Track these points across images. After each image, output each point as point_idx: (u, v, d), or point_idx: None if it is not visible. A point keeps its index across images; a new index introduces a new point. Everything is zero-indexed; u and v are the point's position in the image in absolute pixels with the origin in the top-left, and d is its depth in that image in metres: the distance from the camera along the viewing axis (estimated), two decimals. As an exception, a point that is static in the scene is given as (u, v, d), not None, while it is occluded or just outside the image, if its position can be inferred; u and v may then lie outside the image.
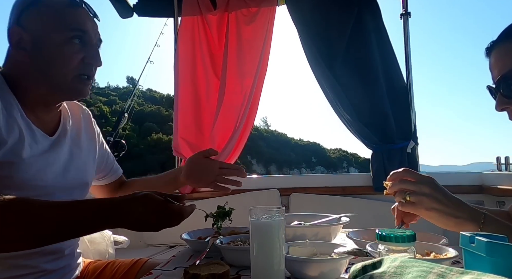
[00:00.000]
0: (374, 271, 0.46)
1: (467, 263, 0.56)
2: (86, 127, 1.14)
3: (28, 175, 0.87)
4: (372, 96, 2.23)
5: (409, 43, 2.35)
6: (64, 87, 0.94)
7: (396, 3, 2.38)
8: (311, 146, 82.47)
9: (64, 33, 0.92)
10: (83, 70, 0.95)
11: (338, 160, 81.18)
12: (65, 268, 1.02)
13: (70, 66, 0.93)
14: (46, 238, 0.75)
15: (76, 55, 0.93)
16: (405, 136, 2.21)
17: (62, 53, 0.92)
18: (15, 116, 0.88)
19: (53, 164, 0.95)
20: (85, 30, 0.95)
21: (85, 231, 0.79)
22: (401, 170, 0.84)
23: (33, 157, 0.89)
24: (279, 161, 74.10)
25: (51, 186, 0.93)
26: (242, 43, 2.38)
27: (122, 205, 0.77)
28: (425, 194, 0.79)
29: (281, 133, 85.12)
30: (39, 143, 0.93)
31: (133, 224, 0.77)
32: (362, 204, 2.18)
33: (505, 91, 0.86)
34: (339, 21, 2.29)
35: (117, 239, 1.69)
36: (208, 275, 0.69)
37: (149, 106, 63.04)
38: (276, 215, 0.72)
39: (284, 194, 2.28)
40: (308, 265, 0.76)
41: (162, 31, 2.63)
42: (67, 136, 1.03)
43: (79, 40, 0.94)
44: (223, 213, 1.07)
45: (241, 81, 2.37)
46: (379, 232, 0.66)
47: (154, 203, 0.77)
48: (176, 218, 0.80)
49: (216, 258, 0.94)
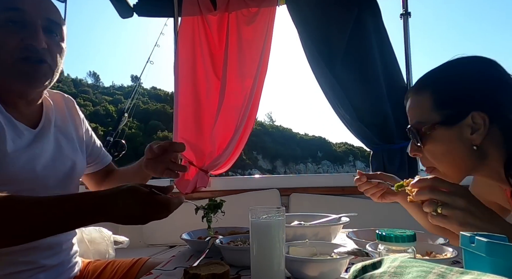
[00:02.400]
0: (374, 271, 0.46)
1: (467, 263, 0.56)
2: (71, 115, 1.12)
3: (15, 168, 0.87)
4: (372, 96, 2.23)
5: (409, 43, 2.35)
6: (8, 73, 0.89)
7: (396, 3, 2.39)
8: (316, 141, 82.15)
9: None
10: (23, 53, 0.87)
11: (344, 154, 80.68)
12: (63, 264, 1.02)
13: (6, 50, 0.86)
14: (32, 234, 0.75)
15: (11, 37, 0.86)
16: (405, 136, 2.20)
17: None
18: None
19: (40, 155, 0.95)
20: (22, 9, 0.88)
21: (72, 226, 0.79)
22: (430, 178, 0.77)
23: (17, 151, 0.89)
24: (284, 156, 73.94)
25: (42, 177, 0.93)
26: (242, 44, 2.38)
27: (107, 199, 0.76)
28: (460, 208, 0.72)
29: (286, 128, 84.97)
30: (23, 137, 0.92)
31: (120, 217, 0.76)
32: (362, 204, 2.18)
33: (414, 139, 0.89)
34: (339, 21, 2.29)
35: (117, 239, 1.69)
36: (208, 275, 0.69)
37: (154, 104, 63.19)
38: (276, 215, 0.72)
39: (284, 194, 2.28)
40: (308, 265, 0.76)
41: (162, 31, 2.64)
42: (51, 126, 1.02)
43: (15, 21, 0.87)
44: (214, 205, 1.06)
45: (241, 82, 2.37)
46: (379, 232, 0.66)
47: (139, 195, 0.76)
48: (163, 210, 0.78)
49: (216, 258, 0.94)
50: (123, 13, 2.49)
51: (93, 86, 77.44)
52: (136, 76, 69.15)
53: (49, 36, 0.92)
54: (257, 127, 75.61)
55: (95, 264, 1.18)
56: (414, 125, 0.89)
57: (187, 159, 2.31)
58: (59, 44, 0.96)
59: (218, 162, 2.33)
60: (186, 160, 2.32)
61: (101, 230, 1.61)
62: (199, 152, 2.37)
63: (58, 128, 1.05)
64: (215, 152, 2.34)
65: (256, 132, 15.00)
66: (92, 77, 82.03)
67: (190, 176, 2.35)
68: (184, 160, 2.33)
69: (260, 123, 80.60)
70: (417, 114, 0.90)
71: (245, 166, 61.37)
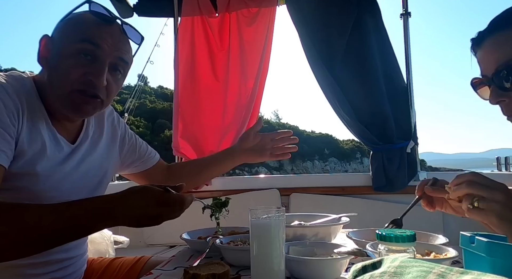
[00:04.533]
0: (374, 271, 0.46)
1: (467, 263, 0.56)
2: (109, 125, 1.13)
3: (46, 186, 0.88)
4: (371, 96, 2.23)
5: (409, 43, 2.34)
6: (62, 99, 0.90)
7: (396, 3, 2.38)
8: (323, 138, 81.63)
9: (74, 45, 0.89)
10: (81, 85, 0.89)
11: (351, 151, 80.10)
12: (71, 275, 1.03)
13: (68, 79, 0.88)
14: (44, 243, 0.74)
15: (77, 68, 0.88)
16: (405, 136, 2.21)
17: (66, 64, 0.88)
18: (40, 127, 0.88)
19: (70, 174, 0.95)
20: (98, 44, 0.89)
21: (84, 232, 0.78)
22: (468, 173, 0.74)
23: (52, 168, 0.89)
24: (292, 154, 73.53)
25: (67, 195, 0.91)
26: (244, 45, 2.38)
27: (118, 201, 0.75)
28: (498, 202, 0.68)
29: (293, 126, 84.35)
30: (61, 152, 0.93)
31: (133, 219, 0.75)
32: (362, 204, 2.18)
33: (503, 81, 0.79)
34: (339, 21, 2.28)
35: (117, 239, 1.70)
36: (208, 275, 0.69)
37: (161, 103, 63.07)
38: (276, 215, 0.72)
39: (284, 194, 2.28)
40: (308, 265, 0.76)
41: (162, 31, 2.64)
42: (87, 141, 1.02)
43: (87, 54, 0.89)
44: (221, 204, 1.07)
45: (243, 82, 2.37)
46: (379, 232, 0.66)
47: (153, 194, 0.76)
48: (177, 208, 0.78)
49: (216, 258, 0.95)
50: (123, 13, 2.48)
51: (100, 85, 77.46)
52: (143, 76, 69.35)
53: (113, 74, 0.94)
54: (263, 125, 76.00)
55: (98, 262, 1.19)
56: (504, 65, 0.79)
57: (188, 158, 2.31)
58: (119, 81, 0.97)
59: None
60: (187, 160, 2.32)
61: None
62: (200, 152, 2.37)
63: (93, 142, 1.05)
64: (216, 151, 2.34)
65: (262, 130, 15.27)
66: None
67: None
68: (184, 159, 2.33)
69: (266, 121, 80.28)
70: (508, 52, 0.79)
71: (252, 164, 61.39)
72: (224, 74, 2.39)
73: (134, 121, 53.36)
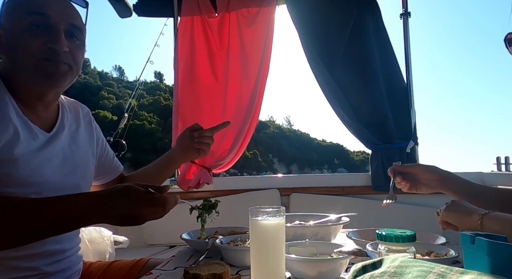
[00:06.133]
0: (374, 271, 0.46)
1: (467, 263, 0.56)
2: (85, 124, 1.14)
3: (26, 171, 0.88)
4: (371, 96, 2.23)
5: (409, 43, 2.34)
6: (31, 74, 0.92)
7: (396, 3, 2.38)
8: (334, 147, 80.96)
9: (23, 20, 0.91)
10: (44, 54, 0.91)
11: (362, 163, 79.37)
12: (65, 270, 1.02)
13: (30, 51, 0.90)
14: (31, 235, 0.75)
15: (35, 40, 0.90)
16: (404, 136, 2.21)
17: (23, 40, 0.90)
18: (10, 115, 0.88)
19: (50, 160, 0.95)
20: (46, 13, 0.91)
21: (68, 227, 0.79)
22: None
23: (30, 153, 0.90)
24: (300, 161, 72.60)
25: (51, 182, 0.93)
26: (244, 46, 2.37)
27: (103, 199, 0.76)
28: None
29: (304, 133, 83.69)
30: (37, 139, 0.93)
31: (116, 218, 0.75)
32: (362, 204, 2.18)
33: None
34: (339, 21, 2.28)
35: (117, 239, 1.69)
36: (208, 275, 0.69)
37: None
38: (276, 215, 0.72)
39: (284, 194, 2.28)
40: (308, 265, 0.76)
41: (162, 31, 2.64)
42: (64, 131, 1.03)
43: (39, 24, 0.91)
44: (209, 206, 1.07)
45: (244, 83, 2.36)
46: (379, 232, 0.66)
47: (135, 194, 0.76)
48: (160, 209, 0.78)
49: (216, 258, 0.95)
50: (122, 13, 2.48)
51: (117, 79, 76.24)
52: (159, 73, 68.93)
53: (70, 40, 0.96)
54: (274, 130, 73.61)
55: (97, 265, 1.18)
56: None
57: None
58: (79, 47, 0.99)
59: (221, 162, 2.33)
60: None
61: (101, 230, 1.61)
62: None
63: (70, 134, 1.05)
64: (217, 152, 2.34)
65: (273, 135, 15.00)
66: (117, 71, 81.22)
67: (192, 174, 2.35)
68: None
69: (278, 126, 79.64)
70: None
71: (260, 168, 60.66)
72: (224, 74, 2.39)
73: (147, 117, 53.20)
